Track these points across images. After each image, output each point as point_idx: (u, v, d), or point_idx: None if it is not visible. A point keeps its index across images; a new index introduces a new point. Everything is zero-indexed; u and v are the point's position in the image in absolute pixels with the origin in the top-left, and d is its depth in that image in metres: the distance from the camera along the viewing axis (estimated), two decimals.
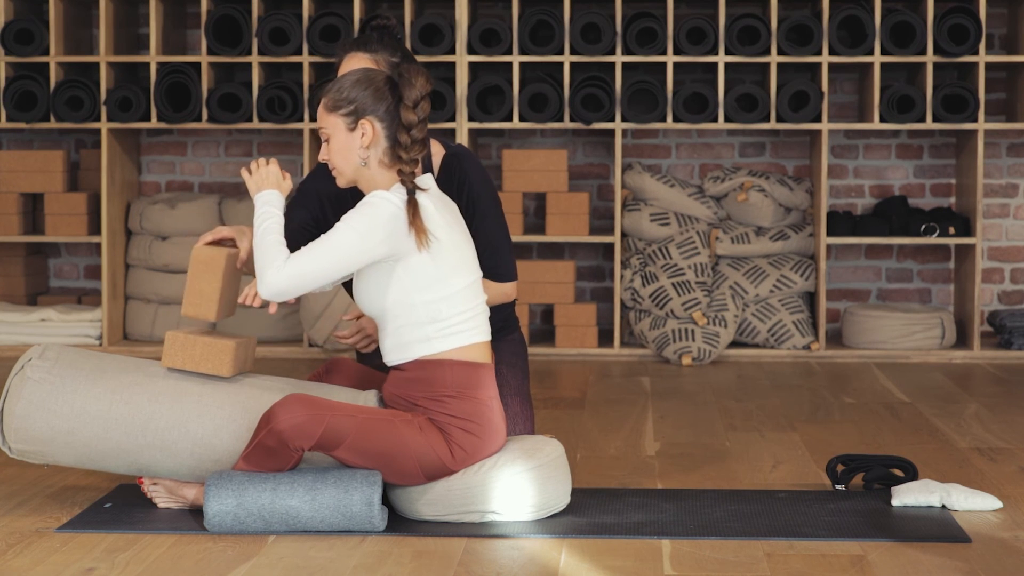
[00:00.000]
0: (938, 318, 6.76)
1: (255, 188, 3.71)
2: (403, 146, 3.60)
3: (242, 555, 3.39)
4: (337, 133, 3.63)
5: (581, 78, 6.78)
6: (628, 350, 6.78)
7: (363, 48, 3.96)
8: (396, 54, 3.96)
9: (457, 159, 4.03)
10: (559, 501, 3.74)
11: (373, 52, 3.95)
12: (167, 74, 6.75)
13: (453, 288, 3.62)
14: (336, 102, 3.62)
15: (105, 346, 6.80)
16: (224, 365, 3.71)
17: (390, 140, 3.62)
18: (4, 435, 3.70)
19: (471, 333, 3.65)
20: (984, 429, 4.98)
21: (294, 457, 3.56)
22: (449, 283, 3.61)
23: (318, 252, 3.55)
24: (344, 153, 3.63)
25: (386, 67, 3.93)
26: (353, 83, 3.62)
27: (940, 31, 6.64)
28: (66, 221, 6.87)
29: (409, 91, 3.59)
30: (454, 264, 3.62)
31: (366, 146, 3.61)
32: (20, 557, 3.38)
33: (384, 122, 3.61)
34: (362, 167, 3.63)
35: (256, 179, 3.71)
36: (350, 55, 3.97)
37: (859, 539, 3.53)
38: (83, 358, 3.75)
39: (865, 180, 7.25)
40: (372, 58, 3.94)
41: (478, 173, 4.04)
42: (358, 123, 3.61)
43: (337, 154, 3.64)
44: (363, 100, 3.61)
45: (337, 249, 3.54)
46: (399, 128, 3.60)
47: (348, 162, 3.64)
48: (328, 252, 3.54)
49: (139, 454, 3.69)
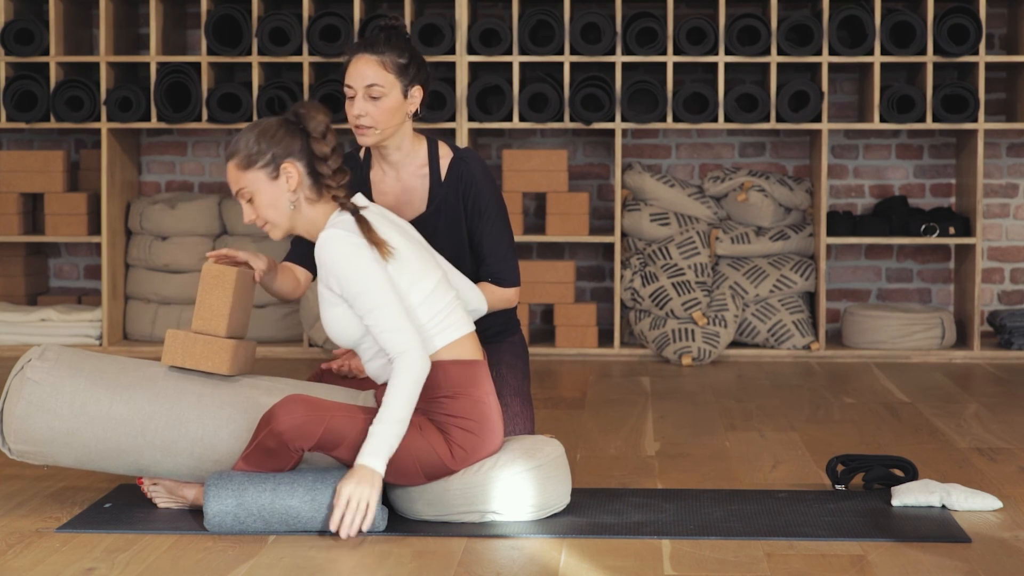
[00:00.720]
0: (938, 318, 6.76)
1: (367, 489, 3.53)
2: (326, 176, 3.63)
3: (242, 555, 3.39)
4: (260, 187, 3.63)
5: (581, 78, 6.78)
6: (628, 350, 6.78)
7: (370, 49, 3.96)
8: (404, 55, 3.97)
9: (464, 162, 4.05)
10: (559, 501, 3.74)
11: (380, 53, 3.95)
12: (167, 74, 6.75)
13: (425, 291, 3.63)
14: (249, 157, 3.63)
15: (105, 346, 6.80)
16: (224, 363, 3.71)
17: (312, 176, 3.64)
18: (4, 436, 3.70)
19: (454, 328, 3.66)
20: (984, 429, 4.98)
21: (294, 458, 3.56)
22: (420, 287, 3.62)
23: (381, 316, 3.53)
24: (274, 203, 3.64)
25: (393, 69, 3.94)
26: (257, 136, 3.63)
27: (940, 31, 6.64)
28: (66, 221, 6.87)
29: (314, 124, 3.63)
30: (418, 267, 3.64)
31: (293, 189, 3.63)
32: (20, 557, 3.38)
33: (302, 160, 3.64)
34: (293, 211, 3.65)
35: (357, 493, 3.52)
36: (358, 56, 3.96)
37: (859, 539, 3.53)
38: (83, 359, 3.75)
39: (865, 180, 7.25)
40: (379, 60, 3.93)
41: (484, 177, 4.06)
42: (279, 169, 3.62)
43: (267, 208, 3.64)
44: (275, 146, 3.62)
45: (382, 303, 3.53)
46: (316, 161, 3.63)
47: (280, 211, 3.65)
48: (382, 310, 3.54)
49: (139, 454, 3.69)
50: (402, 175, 4.07)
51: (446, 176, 4.04)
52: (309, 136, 3.64)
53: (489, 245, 4.03)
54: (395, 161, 4.05)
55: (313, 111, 3.64)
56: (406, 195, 4.06)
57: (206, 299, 3.71)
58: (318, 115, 3.64)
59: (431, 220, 4.03)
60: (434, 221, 4.03)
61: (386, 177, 4.08)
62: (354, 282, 3.54)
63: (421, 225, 4.01)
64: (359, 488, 3.47)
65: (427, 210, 4.04)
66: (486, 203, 4.04)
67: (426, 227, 4.01)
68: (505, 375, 4.10)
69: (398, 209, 4.06)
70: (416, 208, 4.05)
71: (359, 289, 3.54)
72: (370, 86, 3.92)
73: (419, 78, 3.99)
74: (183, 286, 6.86)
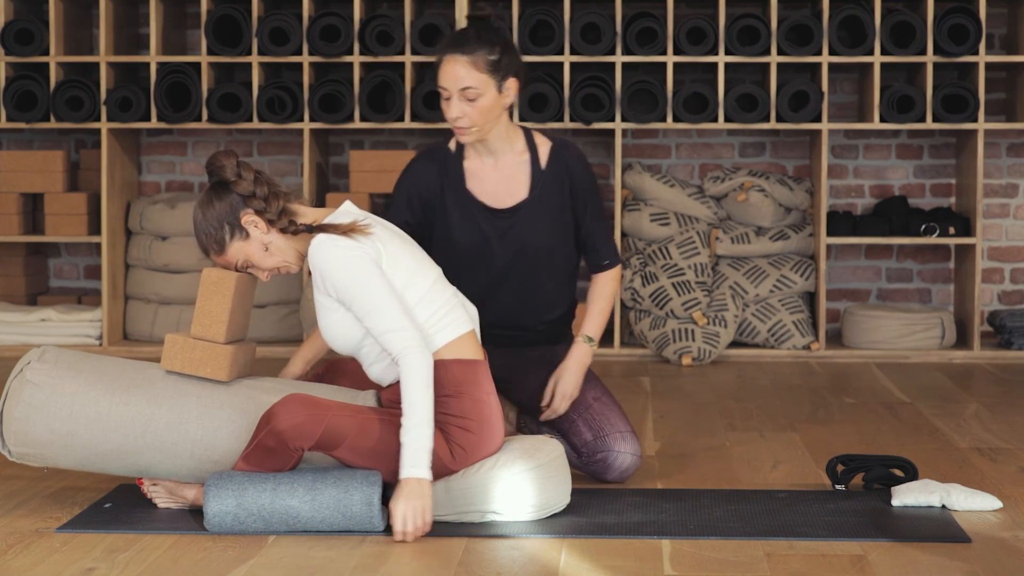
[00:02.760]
0: (938, 318, 6.76)
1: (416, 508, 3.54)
2: (287, 212, 3.65)
3: (242, 555, 3.39)
4: (247, 252, 3.68)
5: (581, 78, 6.78)
6: (628, 350, 6.78)
7: (460, 49, 3.91)
8: (495, 49, 3.92)
9: (565, 149, 4.11)
10: (559, 501, 3.74)
11: (470, 53, 3.90)
12: (167, 74, 6.75)
13: (422, 289, 3.63)
14: (218, 241, 3.66)
15: (105, 346, 6.80)
16: (222, 369, 3.71)
17: (273, 217, 3.65)
18: (4, 439, 3.70)
19: (454, 326, 3.66)
20: (984, 429, 4.98)
21: (294, 457, 3.56)
22: (416, 285, 3.63)
23: (380, 317, 3.54)
24: (265, 255, 3.68)
25: (485, 67, 3.90)
26: (205, 219, 3.65)
27: (940, 31, 6.64)
28: (66, 221, 6.87)
29: (228, 172, 3.65)
30: (411, 266, 3.64)
31: (265, 231, 3.66)
32: (20, 557, 3.38)
33: (248, 205, 3.65)
34: (278, 249, 3.67)
35: (410, 511, 3.54)
36: (448, 58, 3.92)
37: (859, 539, 3.53)
38: (82, 360, 3.75)
39: (865, 180, 7.25)
40: (470, 60, 3.89)
41: (585, 164, 4.13)
42: (243, 228, 3.65)
43: (264, 261, 3.68)
44: (224, 214, 3.65)
45: (380, 304, 3.54)
46: (247, 200, 3.64)
47: (275, 255, 3.68)
48: (381, 310, 3.54)
49: (139, 456, 3.69)
50: (500, 163, 4.07)
51: (547, 163, 4.08)
52: (246, 197, 3.65)
53: (597, 231, 4.15)
54: (494, 149, 4.06)
55: (220, 160, 3.66)
56: (506, 182, 4.06)
57: (205, 305, 3.71)
58: (226, 161, 3.65)
59: (534, 205, 4.06)
60: (537, 206, 4.06)
61: (484, 166, 4.07)
62: (351, 284, 3.54)
63: (524, 210, 4.04)
64: (409, 503, 3.49)
65: (529, 196, 4.06)
66: (589, 189, 4.12)
67: (529, 212, 4.04)
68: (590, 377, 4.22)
69: (498, 196, 4.07)
70: (517, 194, 4.07)
71: (356, 291, 3.54)
72: (464, 89, 3.90)
73: (512, 69, 3.95)
74: (183, 286, 6.86)
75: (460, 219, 4.06)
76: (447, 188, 4.06)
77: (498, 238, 4.07)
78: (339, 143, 7.31)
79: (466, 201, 4.06)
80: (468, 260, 4.09)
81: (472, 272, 4.09)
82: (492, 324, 4.12)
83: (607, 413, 4.12)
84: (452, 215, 4.06)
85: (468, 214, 4.06)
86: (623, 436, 4.08)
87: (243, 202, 3.65)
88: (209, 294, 3.71)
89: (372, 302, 3.53)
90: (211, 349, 3.71)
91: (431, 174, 4.08)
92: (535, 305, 4.17)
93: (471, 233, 4.07)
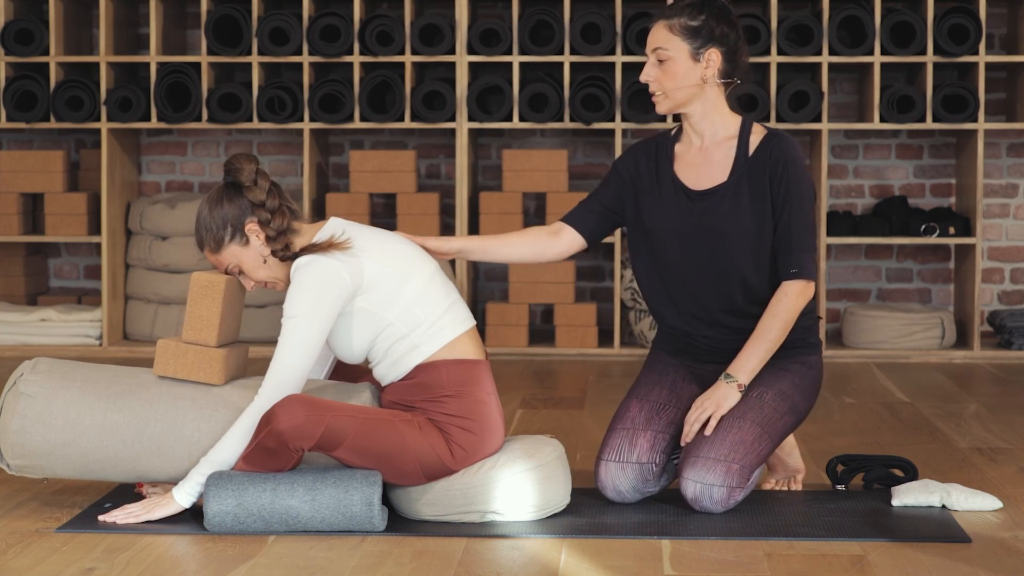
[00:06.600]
0: (938, 318, 6.76)
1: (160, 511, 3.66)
2: (288, 232, 3.66)
3: (242, 555, 3.39)
4: (240, 257, 3.67)
5: (581, 78, 6.78)
6: (628, 350, 6.78)
7: (666, 14, 3.86)
8: (699, 16, 3.84)
9: (777, 140, 3.90)
10: (559, 501, 3.74)
11: (671, 17, 3.84)
12: (167, 74, 6.75)
13: (416, 288, 3.63)
14: (216, 238, 3.66)
15: (105, 346, 6.80)
16: (216, 373, 3.71)
17: (272, 234, 3.65)
18: (1, 452, 3.70)
19: (453, 326, 3.66)
20: (984, 429, 4.98)
21: (294, 457, 3.56)
22: (410, 284, 3.62)
23: (289, 346, 3.56)
24: (259, 264, 3.68)
25: (680, 31, 3.83)
26: (210, 215, 3.65)
27: (940, 31, 6.65)
28: (66, 221, 6.87)
29: (245, 175, 3.64)
30: (402, 265, 3.64)
31: (263, 242, 3.66)
32: (20, 557, 3.38)
33: (255, 215, 3.65)
34: (267, 266, 3.67)
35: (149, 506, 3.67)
36: (654, 23, 3.88)
37: (859, 539, 3.53)
38: (74, 369, 3.75)
39: (865, 180, 7.25)
40: (668, 23, 3.83)
41: (797, 160, 3.89)
42: (244, 233, 3.65)
43: (256, 271, 3.68)
44: (230, 215, 3.65)
45: (301, 338, 3.55)
46: (254, 209, 3.65)
47: (270, 268, 3.68)
48: (294, 343, 3.55)
49: (136, 461, 3.69)
50: (707, 145, 3.95)
51: (755, 151, 3.90)
52: (243, 187, 3.66)
53: (795, 230, 3.84)
54: (701, 130, 3.94)
55: (241, 162, 3.66)
56: (708, 164, 3.93)
57: (196, 309, 3.71)
58: (247, 165, 3.66)
59: (731, 190, 3.88)
60: (735, 191, 3.88)
61: (691, 147, 3.97)
62: (298, 302, 3.54)
63: (720, 193, 3.88)
64: (146, 508, 3.63)
65: (728, 179, 3.89)
66: (795, 186, 3.86)
67: (725, 196, 3.87)
68: (767, 402, 3.86)
69: (699, 178, 3.94)
70: (716, 177, 3.91)
71: (296, 311, 3.54)
72: (655, 49, 3.85)
73: (716, 40, 3.84)
74: (183, 286, 6.85)
75: (658, 198, 3.94)
76: (656, 170, 3.96)
77: (691, 219, 3.92)
78: (339, 143, 7.32)
79: (668, 182, 3.94)
80: (661, 241, 3.94)
81: (664, 253, 3.94)
82: (693, 315, 3.95)
83: (707, 437, 3.79)
84: (652, 195, 3.95)
85: (667, 194, 3.94)
86: (694, 462, 3.76)
87: (252, 209, 3.65)
88: (199, 298, 3.70)
89: (297, 332, 3.54)
90: (203, 353, 3.71)
91: (645, 156, 3.99)
92: (730, 293, 3.91)
93: (665, 212, 3.94)
